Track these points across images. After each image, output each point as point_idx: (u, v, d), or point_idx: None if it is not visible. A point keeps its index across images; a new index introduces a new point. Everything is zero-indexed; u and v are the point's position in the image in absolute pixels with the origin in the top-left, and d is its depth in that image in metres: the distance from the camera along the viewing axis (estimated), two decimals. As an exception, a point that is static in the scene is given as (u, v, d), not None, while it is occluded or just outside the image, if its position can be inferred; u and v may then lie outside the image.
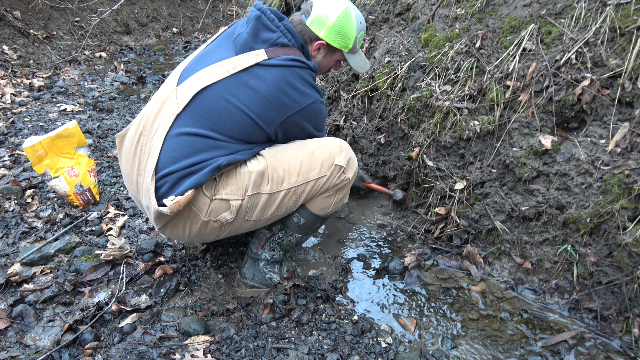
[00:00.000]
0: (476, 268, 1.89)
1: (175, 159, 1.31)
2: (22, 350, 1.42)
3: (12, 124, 3.27)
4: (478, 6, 2.17)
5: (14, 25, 4.96)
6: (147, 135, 1.39)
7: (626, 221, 1.52)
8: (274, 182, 1.42)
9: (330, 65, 1.66)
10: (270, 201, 1.44)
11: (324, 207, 1.57)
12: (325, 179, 1.48)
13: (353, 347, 1.46)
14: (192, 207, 1.36)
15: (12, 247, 1.89)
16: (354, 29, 1.55)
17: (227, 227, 1.45)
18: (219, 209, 1.38)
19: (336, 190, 1.55)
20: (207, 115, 1.33)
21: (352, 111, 2.62)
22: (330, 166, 1.48)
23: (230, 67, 1.34)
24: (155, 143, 1.34)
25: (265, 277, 1.72)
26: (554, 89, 1.74)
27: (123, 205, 2.33)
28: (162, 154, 1.32)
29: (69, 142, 2.21)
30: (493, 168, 1.95)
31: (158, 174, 1.31)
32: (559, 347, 1.51)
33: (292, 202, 1.49)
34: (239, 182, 1.38)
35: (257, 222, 1.49)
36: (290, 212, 1.55)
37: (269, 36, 1.39)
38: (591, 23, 1.74)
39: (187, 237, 1.46)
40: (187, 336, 1.47)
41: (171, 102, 1.37)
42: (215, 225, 1.41)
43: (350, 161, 1.53)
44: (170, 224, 1.39)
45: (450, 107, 2.05)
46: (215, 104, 1.33)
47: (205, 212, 1.37)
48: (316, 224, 1.65)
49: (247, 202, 1.40)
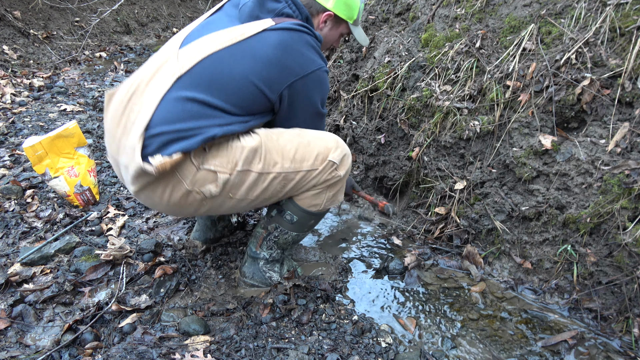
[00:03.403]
0: (476, 268, 1.89)
1: (169, 121, 1.25)
2: (22, 350, 1.42)
3: (12, 124, 3.27)
4: (478, 6, 2.17)
5: (14, 25, 4.96)
6: (139, 95, 1.32)
7: (626, 221, 1.52)
8: (266, 162, 1.37)
9: (334, 40, 1.67)
10: (258, 181, 1.38)
11: (315, 204, 1.54)
12: (316, 172, 1.45)
13: (353, 347, 1.46)
14: (176, 172, 1.28)
15: (12, 247, 1.89)
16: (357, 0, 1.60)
17: (208, 202, 1.37)
18: (204, 179, 1.31)
19: (327, 187, 1.51)
20: (209, 80, 1.29)
21: (352, 111, 2.62)
22: (324, 160, 1.45)
23: (237, 34, 1.32)
24: (148, 102, 1.28)
25: (265, 275, 1.72)
26: (554, 89, 1.74)
27: (123, 205, 2.33)
28: (156, 113, 1.26)
29: (69, 142, 2.21)
30: (493, 168, 1.95)
31: (147, 133, 1.25)
32: (559, 347, 1.51)
33: (279, 188, 1.44)
34: (230, 155, 1.33)
35: (240, 201, 1.42)
36: (276, 198, 1.49)
37: (275, 6, 1.40)
38: (591, 23, 1.74)
39: (163, 205, 1.36)
40: (187, 336, 1.47)
41: (172, 64, 1.32)
42: (197, 197, 1.34)
43: (344, 159, 1.50)
44: (149, 187, 1.30)
45: (450, 107, 2.05)
46: (220, 70, 1.30)
47: (190, 181, 1.30)
48: (310, 221, 1.62)
49: (235, 178, 1.34)
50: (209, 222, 1.95)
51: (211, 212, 1.46)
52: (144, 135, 1.25)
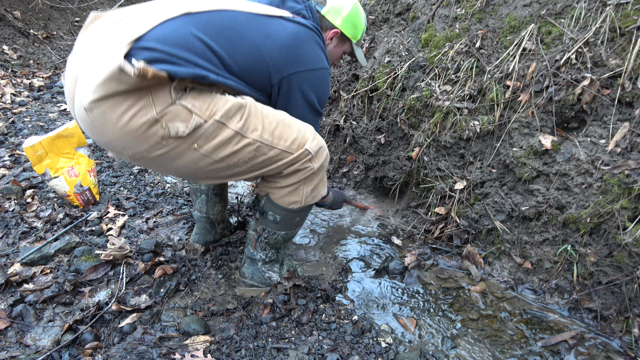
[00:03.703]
0: (476, 268, 1.89)
1: (165, 41, 1.14)
2: (22, 350, 1.42)
3: (12, 124, 3.27)
4: (478, 6, 2.17)
5: (14, 25, 4.96)
6: (134, 18, 1.20)
7: (626, 221, 1.52)
8: (246, 124, 1.28)
9: (337, 57, 1.73)
10: (231, 142, 1.27)
11: (295, 200, 1.50)
12: (290, 158, 1.37)
13: (353, 347, 1.46)
14: (150, 93, 1.13)
15: (12, 247, 1.89)
16: (363, 22, 1.69)
17: (167, 145, 1.20)
18: (176, 115, 1.17)
19: (303, 181, 1.46)
20: (219, 29, 1.23)
21: (352, 111, 2.62)
22: (300, 147, 1.38)
23: (257, 8, 1.33)
24: (146, 22, 1.16)
25: (264, 275, 1.72)
26: (554, 89, 1.74)
27: (123, 205, 2.33)
28: (154, 30, 1.15)
29: (69, 142, 2.21)
30: (493, 168, 1.95)
31: (137, 44, 1.12)
32: (559, 347, 1.51)
33: (248, 158, 1.33)
34: (212, 102, 1.21)
35: (202, 159, 1.27)
36: (238, 170, 1.36)
37: (294, 6, 1.45)
38: (591, 23, 1.74)
39: (116, 130, 1.15)
40: (187, 336, 1.47)
41: (181, 3, 1.23)
42: (159, 132, 1.17)
43: (320, 151, 1.44)
44: (113, 100, 1.11)
45: (450, 107, 2.05)
46: (232, 26, 1.26)
47: (161, 109, 1.15)
48: (295, 219, 1.59)
49: (208, 127, 1.21)
50: (208, 225, 1.95)
51: (161, 164, 1.29)
52: (132, 45, 1.11)
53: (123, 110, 1.13)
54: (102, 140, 1.22)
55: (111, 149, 1.26)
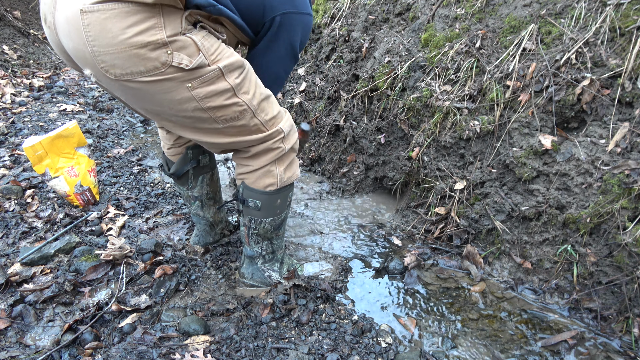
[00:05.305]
0: (476, 268, 1.89)
1: None
2: (22, 350, 1.42)
3: (12, 124, 3.27)
4: (478, 6, 2.17)
5: (14, 25, 4.96)
6: None
7: (626, 221, 1.52)
8: (241, 84, 1.28)
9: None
10: (223, 95, 1.25)
11: (270, 182, 1.50)
12: (263, 135, 1.39)
13: (353, 347, 1.46)
14: (162, 14, 1.06)
15: (12, 247, 1.89)
16: None
17: (164, 75, 1.14)
18: (183, 46, 1.13)
19: (274, 162, 1.47)
20: None
21: (352, 111, 2.62)
22: (275, 125, 1.41)
23: None
24: None
25: (264, 275, 1.72)
26: (554, 89, 1.74)
27: (123, 205, 2.33)
28: None
29: (69, 142, 2.21)
30: (493, 168, 1.95)
31: None
32: (559, 347, 1.51)
33: (230, 118, 1.32)
34: (218, 48, 1.20)
35: (189, 101, 1.22)
36: (214, 127, 1.33)
37: None
38: (591, 23, 1.74)
39: (115, 42, 1.05)
40: (187, 336, 1.47)
41: None
42: (162, 57, 1.11)
43: (291, 132, 1.48)
44: (121, 9, 1.03)
45: (450, 107, 2.05)
46: None
47: (170, 34, 1.09)
48: (275, 202, 1.57)
49: (209, 71, 1.19)
50: (208, 226, 1.95)
51: (142, 95, 1.21)
52: None
53: (130, 23, 1.04)
54: (85, 50, 1.08)
55: (91, 64, 1.11)
